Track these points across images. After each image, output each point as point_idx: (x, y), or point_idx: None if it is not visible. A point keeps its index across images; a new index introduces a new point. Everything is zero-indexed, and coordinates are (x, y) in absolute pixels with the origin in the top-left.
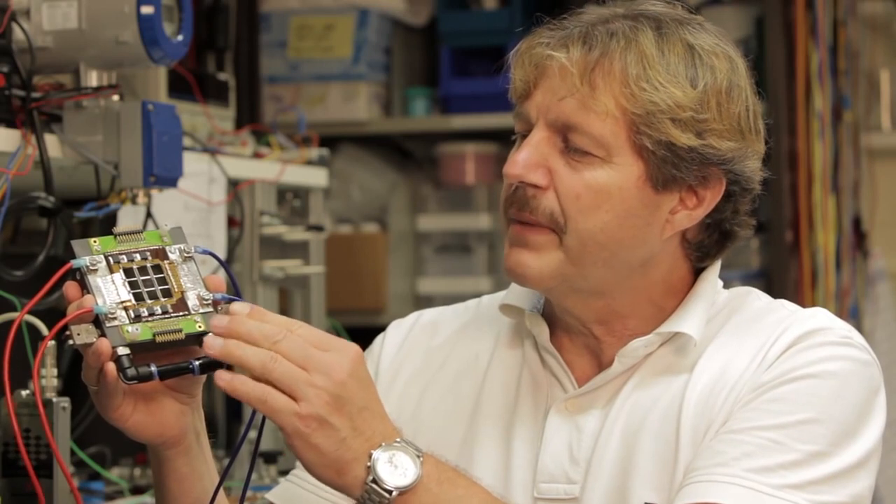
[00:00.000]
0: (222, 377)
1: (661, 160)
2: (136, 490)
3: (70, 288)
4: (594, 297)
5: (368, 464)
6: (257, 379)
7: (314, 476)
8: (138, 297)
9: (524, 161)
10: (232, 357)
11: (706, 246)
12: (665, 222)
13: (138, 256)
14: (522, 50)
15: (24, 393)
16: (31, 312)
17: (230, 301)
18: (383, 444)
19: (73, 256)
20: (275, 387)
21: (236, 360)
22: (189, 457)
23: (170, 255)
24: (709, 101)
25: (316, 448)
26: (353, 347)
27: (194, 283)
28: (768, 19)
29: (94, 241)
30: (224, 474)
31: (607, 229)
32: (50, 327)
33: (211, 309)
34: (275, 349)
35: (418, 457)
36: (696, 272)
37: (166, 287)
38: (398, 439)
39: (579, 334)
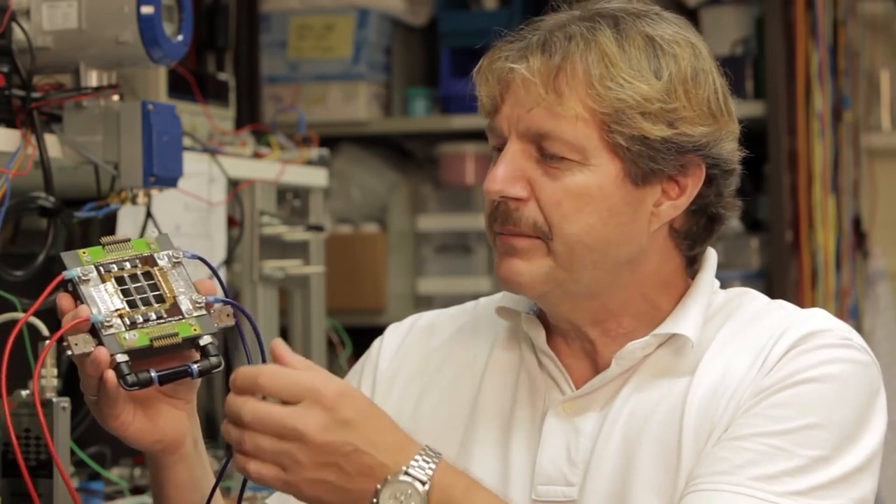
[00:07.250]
0: (237, 463)
1: (637, 155)
2: (136, 490)
3: (63, 300)
4: (587, 298)
5: (374, 500)
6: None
7: None
8: (132, 305)
9: (503, 176)
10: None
11: (695, 233)
12: (650, 216)
13: (128, 264)
14: (484, 66)
15: (23, 393)
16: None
17: (226, 303)
18: (388, 478)
19: (64, 268)
20: None
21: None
22: (187, 463)
23: (158, 261)
24: (676, 90)
25: (316, 499)
26: (327, 389)
27: (186, 288)
28: (768, 19)
29: (84, 252)
30: (220, 473)
31: (593, 231)
32: (50, 328)
33: (204, 312)
34: (249, 429)
35: (424, 483)
36: (689, 261)
37: (158, 293)
38: (404, 467)
39: (575, 338)
